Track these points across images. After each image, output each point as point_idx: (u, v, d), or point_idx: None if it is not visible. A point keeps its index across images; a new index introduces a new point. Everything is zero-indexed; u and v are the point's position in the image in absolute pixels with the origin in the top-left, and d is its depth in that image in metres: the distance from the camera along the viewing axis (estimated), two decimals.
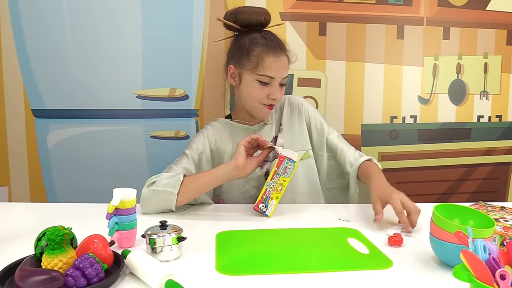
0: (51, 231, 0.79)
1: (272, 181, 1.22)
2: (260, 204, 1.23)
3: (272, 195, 1.22)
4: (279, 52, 1.31)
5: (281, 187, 1.22)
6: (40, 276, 0.73)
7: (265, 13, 1.37)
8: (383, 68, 1.82)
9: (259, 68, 1.30)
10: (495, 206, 1.18)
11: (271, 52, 1.30)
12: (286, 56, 1.34)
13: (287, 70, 1.34)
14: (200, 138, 1.41)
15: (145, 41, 1.70)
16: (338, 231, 1.11)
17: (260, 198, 1.23)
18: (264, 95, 1.33)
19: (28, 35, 1.67)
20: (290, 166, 1.21)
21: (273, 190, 1.22)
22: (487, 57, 1.87)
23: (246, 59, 1.33)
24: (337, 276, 0.85)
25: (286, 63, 1.33)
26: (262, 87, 1.32)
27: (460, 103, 1.88)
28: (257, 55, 1.30)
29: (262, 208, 1.22)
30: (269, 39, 1.32)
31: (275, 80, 1.32)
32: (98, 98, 1.72)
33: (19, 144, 1.73)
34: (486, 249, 0.69)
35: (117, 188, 0.99)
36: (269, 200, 1.22)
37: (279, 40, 1.35)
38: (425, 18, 1.81)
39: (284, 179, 1.22)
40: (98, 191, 1.56)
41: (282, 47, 1.34)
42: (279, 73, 1.31)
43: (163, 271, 0.77)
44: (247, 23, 1.35)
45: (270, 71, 1.30)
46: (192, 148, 1.39)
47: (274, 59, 1.30)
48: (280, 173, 1.21)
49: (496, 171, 1.95)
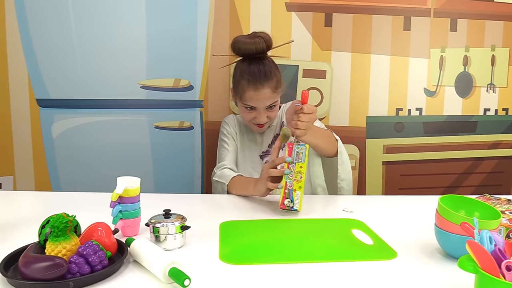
0: (55, 218, 0.79)
1: (290, 173, 1.16)
2: (286, 200, 1.15)
3: (294, 186, 1.15)
4: (260, 86, 1.41)
5: (300, 175, 1.16)
6: (43, 262, 0.73)
7: (256, 44, 1.41)
8: (389, 59, 1.80)
9: (242, 98, 1.45)
10: (500, 198, 1.17)
11: (251, 86, 1.42)
12: (268, 87, 1.42)
13: (270, 99, 1.44)
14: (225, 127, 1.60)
15: (149, 31, 1.69)
16: (342, 222, 1.11)
17: (283, 194, 1.16)
18: (251, 118, 1.48)
19: (33, 26, 1.66)
20: (302, 150, 1.16)
21: (293, 181, 1.16)
22: (494, 49, 1.85)
23: (236, 88, 1.48)
24: (341, 267, 0.85)
25: (267, 94, 1.43)
26: (249, 112, 1.47)
27: (466, 95, 1.86)
28: (241, 87, 1.44)
29: (289, 204, 1.15)
30: (253, 74, 1.42)
31: (258, 108, 1.45)
32: (102, 88, 1.72)
33: (24, 134, 1.74)
34: (492, 240, 0.68)
35: (121, 177, 0.99)
36: (293, 192, 1.15)
37: (265, 72, 1.42)
38: (432, 9, 1.79)
39: (301, 165, 1.16)
40: (102, 181, 1.56)
41: (264, 79, 1.42)
42: (260, 103, 1.44)
43: (167, 259, 0.77)
44: (243, 53, 1.44)
45: (252, 102, 1.44)
46: (225, 136, 1.57)
47: (254, 93, 1.42)
48: (295, 160, 1.16)
49: (502, 165, 1.93)
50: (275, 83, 1.44)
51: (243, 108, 1.47)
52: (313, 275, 0.81)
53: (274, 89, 1.44)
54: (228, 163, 1.50)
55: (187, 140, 1.77)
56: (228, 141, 1.57)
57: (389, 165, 1.87)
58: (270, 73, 1.43)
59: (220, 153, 1.56)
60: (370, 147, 1.84)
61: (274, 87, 1.44)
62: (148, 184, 1.75)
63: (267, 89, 1.42)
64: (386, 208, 1.27)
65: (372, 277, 0.81)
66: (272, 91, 1.43)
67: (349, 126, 1.81)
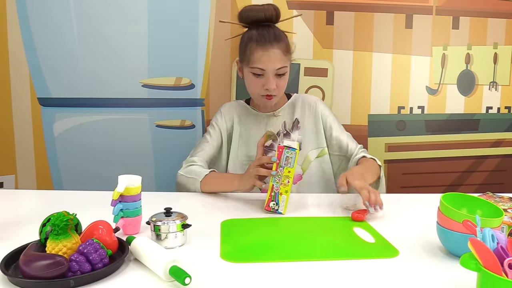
0: (55, 217, 0.79)
1: (277, 176, 1.15)
2: (271, 202, 1.16)
3: (281, 190, 1.15)
4: (269, 46, 1.35)
5: (287, 179, 1.15)
6: (44, 261, 0.73)
7: (264, 10, 1.39)
8: (391, 58, 1.80)
9: (250, 61, 1.37)
10: (503, 197, 1.16)
11: (259, 46, 1.35)
12: (278, 48, 1.36)
13: (280, 61, 1.36)
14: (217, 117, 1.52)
15: (151, 30, 1.69)
16: (344, 220, 1.11)
17: (269, 196, 1.16)
18: (259, 86, 1.38)
19: (34, 24, 1.66)
20: (292, 155, 1.15)
21: (280, 184, 1.15)
22: (497, 47, 1.84)
23: (243, 54, 1.40)
24: (343, 265, 0.85)
25: (277, 55, 1.36)
26: (257, 79, 1.38)
27: (468, 94, 1.86)
28: (249, 49, 1.37)
29: (274, 206, 1.16)
30: (261, 34, 1.36)
31: (267, 71, 1.36)
32: (104, 87, 1.72)
33: (26, 133, 1.74)
34: (495, 238, 0.68)
35: (122, 175, 0.99)
36: (279, 196, 1.15)
37: (274, 34, 1.37)
38: (434, 7, 1.78)
39: (289, 170, 1.15)
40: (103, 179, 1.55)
41: (274, 40, 1.36)
42: (270, 65, 1.35)
43: (168, 258, 0.77)
44: (250, 20, 1.40)
45: (260, 64, 1.35)
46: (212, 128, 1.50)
47: (263, 53, 1.35)
48: (283, 164, 1.14)
49: (504, 163, 1.93)
50: (285, 47, 1.38)
51: (251, 76, 1.38)
52: (315, 273, 0.80)
53: (285, 52, 1.37)
54: (198, 161, 1.42)
55: (189, 139, 1.76)
56: (213, 133, 1.49)
57: (391, 164, 1.86)
58: (280, 36, 1.38)
59: (199, 144, 1.48)
60: (372, 146, 1.83)
61: (284, 50, 1.37)
62: (149, 183, 1.75)
63: (277, 50, 1.35)
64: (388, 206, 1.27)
65: (374, 275, 0.81)
66: (282, 54, 1.36)
67: (350, 125, 1.80)
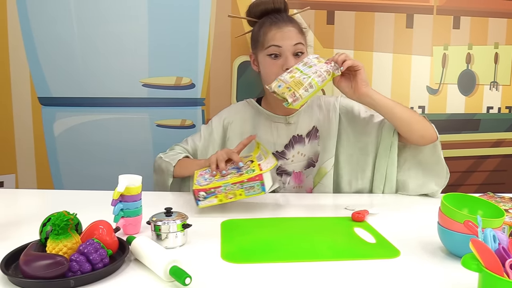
0: (56, 216, 0.79)
1: (231, 185, 1.10)
2: (202, 191, 1.11)
3: (219, 196, 1.11)
4: (283, 25, 1.33)
5: (232, 196, 1.11)
6: (44, 260, 0.73)
7: (274, 1, 1.40)
8: (391, 57, 1.79)
9: (265, 42, 1.34)
10: (504, 197, 1.16)
11: (273, 26, 1.33)
12: (293, 27, 1.34)
13: (296, 38, 1.33)
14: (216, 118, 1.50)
15: (151, 29, 1.69)
16: (344, 221, 1.10)
17: (208, 187, 1.11)
18: (278, 68, 1.31)
19: (35, 24, 1.66)
20: (257, 190, 1.10)
21: (224, 192, 1.11)
22: (498, 47, 1.84)
23: (256, 42, 1.38)
24: (344, 265, 0.84)
25: (292, 33, 1.33)
26: (274, 61, 1.33)
27: (469, 93, 1.85)
28: (263, 32, 1.35)
29: (201, 197, 1.11)
30: (274, 18, 1.36)
31: (283, 49, 1.31)
32: (104, 86, 1.72)
33: (26, 132, 1.74)
34: (496, 239, 0.68)
35: (123, 175, 0.99)
36: (212, 196, 1.11)
37: (287, 16, 1.39)
38: (435, 7, 1.78)
39: (241, 193, 1.11)
40: (104, 179, 1.55)
41: (287, 20, 1.35)
42: (285, 42, 1.31)
43: (168, 258, 0.76)
44: (259, 13, 1.41)
45: (275, 41, 1.32)
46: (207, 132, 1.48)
47: (276, 31, 1.32)
48: (244, 186, 1.10)
49: (505, 163, 1.92)
50: (299, 27, 1.36)
51: (267, 59, 1.33)
52: (316, 274, 0.80)
53: (300, 31, 1.35)
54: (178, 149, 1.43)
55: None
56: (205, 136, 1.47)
57: None
58: (293, 18, 1.38)
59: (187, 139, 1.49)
60: None
61: (298, 29, 1.35)
62: (150, 182, 1.74)
63: (292, 28, 1.33)
64: (388, 206, 1.27)
65: (375, 276, 0.81)
66: (297, 31, 1.34)
67: None
